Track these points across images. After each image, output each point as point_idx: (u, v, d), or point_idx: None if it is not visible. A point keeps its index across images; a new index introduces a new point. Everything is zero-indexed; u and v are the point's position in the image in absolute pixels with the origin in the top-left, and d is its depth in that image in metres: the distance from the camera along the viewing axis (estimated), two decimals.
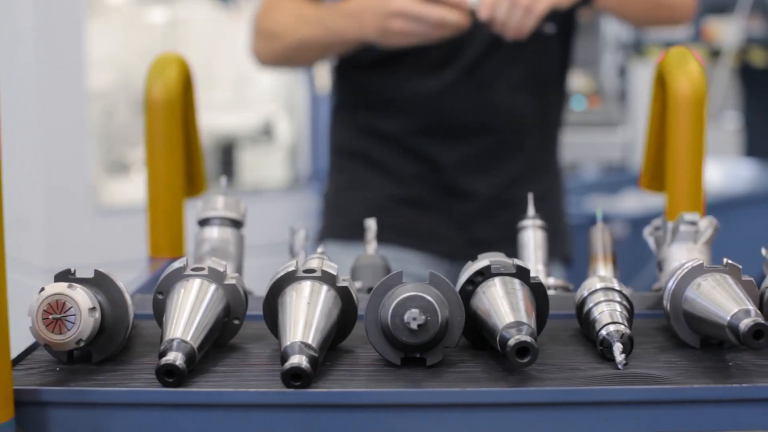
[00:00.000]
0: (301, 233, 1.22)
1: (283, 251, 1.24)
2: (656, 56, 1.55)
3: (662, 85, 1.49)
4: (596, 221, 1.31)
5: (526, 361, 0.89)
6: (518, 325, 0.91)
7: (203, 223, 1.22)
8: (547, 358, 0.98)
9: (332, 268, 0.99)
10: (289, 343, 0.90)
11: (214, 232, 1.21)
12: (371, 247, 1.26)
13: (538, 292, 1.00)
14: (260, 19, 2.04)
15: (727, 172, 4.62)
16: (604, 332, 0.98)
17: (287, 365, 0.88)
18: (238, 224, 1.22)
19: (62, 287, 0.92)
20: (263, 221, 3.20)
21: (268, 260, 2.14)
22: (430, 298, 0.92)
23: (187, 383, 0.90)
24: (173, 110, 1.46)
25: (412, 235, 1.99)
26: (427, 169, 2.01)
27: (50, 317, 0.91)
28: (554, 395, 0.89)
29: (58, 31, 3.21)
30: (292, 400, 0.87)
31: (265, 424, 0.88)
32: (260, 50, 2.06)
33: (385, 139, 2.03)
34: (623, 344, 0.96)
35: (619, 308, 1.02)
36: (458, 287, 0.99)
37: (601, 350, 0.98)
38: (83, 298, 0.91)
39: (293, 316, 0.93)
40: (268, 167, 4.01)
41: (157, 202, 1.47)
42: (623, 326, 0.98)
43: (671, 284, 1.01)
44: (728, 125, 5.42)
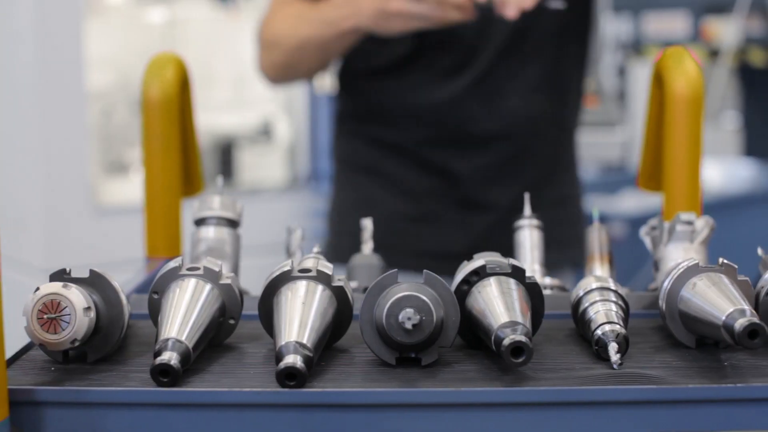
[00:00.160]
0: (297, 233, 1.22)
1: (281, 251, 1.24)
2: (655, 56, 1.55)
3: (659, 84, 1.50)
4: (593, 221, 1.31)
5: (520, 360, 0.89)
6: (513, 324, 0.91)
7: (199, 222, 1.22)
8: (542, 357, 0.98)
9: (328, 267, 0.99)
10: (284, 342, 0.90)
11: (210, 231, 1.21)
12: (367, 247, 1.26)
13: (533, 291, 1.00)
14: (262, 31, 1.91)
15: (726, 171, 4.62)
16: (599, 332, 0.98)
17: (282, 365, 0.88)
18: (234, 224, 1.22)
19: (57, 287, 0.92)
20: (262, 221, 3.20)
21: (266, 260, 2.13)
22: (425, 297, 0.92)
23: (182, 383, 0.90)
24: (170, 110, 1.46)
25: (427, 256, 1.83)
26: (441, 182, 1.88)
27: (45, 317, 0.91)
28: (549, 395, 0.88)
29: (56, 31, 3.21)
30: (286, 399, 0.87)
31: (259, 423, 0.88)
32: (265, 64, 1.91)
33: (395, 151, 1.90)
34: (618, 344, 0.96)
35: (614, 308, 1.01)
36: (454, 287, 0.99)
37: (596, 350, 0.98)
38: (78, 297, 0.91)
39: (288, 315, 0.93)
40: (266, 167, 4.01)
41: (154, 202, 1.47)
42: (618, 326, 0.98)
43: (667, 284, 1.01)
44: (727, 125, 5.43)
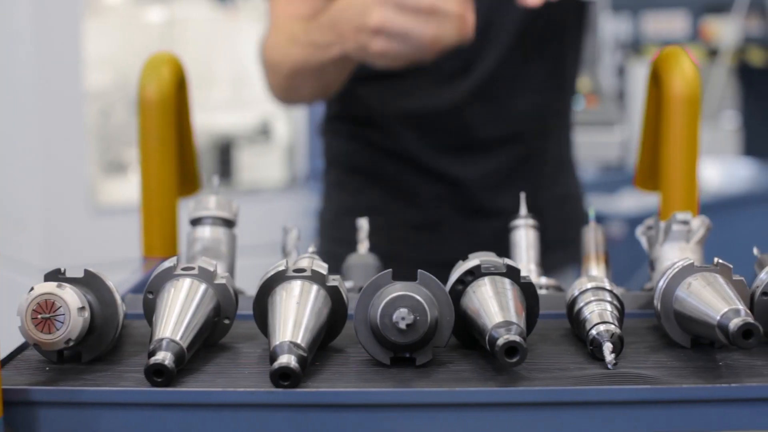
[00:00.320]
0: (293, 233, 1.22)
1: (280, 251, 1.24)
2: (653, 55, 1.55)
3: (656, 84, 1.50)
4: (589, 221, 1.31)
5: (514, 360, 0.89)
6: (507, 324, 0.91)
7: (195, 222, 1.22)
8: (537, 357, 0.97)
9: (322, 267, 0.99)
10: (278, 342, 0.90)
11: (206, 231, 1.21)
12: (363, 246, 1.26)
13: (528, 291, 1.00)
14: (263, 51, 1.74)
15: (725, 171, 4.62)
16: (594, 332, 0.98)
17: (276, 365, 0.88)
18: (230, 224, 1.22)
19: (51, 287, 0.92)
20: (261, 221, 3.20)
21: (265, 260, 2.13)
22: (419, 297, 0.92)
23: (176, 383, 0.90)
24: (167, 110, 1.46)
25: (431, 265, 1.61)
26: (445, 188, 1.78)
27: (39, 317, 0.91)
28: (543, 395, 0.88)
29: (55, 30, 3.22)
30: (280, 399, 0.87)
31: (253, 423, 0.88)
32: (271, 85, 1.73)
33: (395, 156, 1.79)
34: (613, 344, 0.96)
35: (609, 308, 1.01)
36: (448, 287, 0.99)
37: (591, 350, 0.98)
38: (72, 297, 0.91)
39: (283, 315, 0.93)
40: (265, 167, 4.02)
41: (150, 201, 1.47)
42: (613, 326, 0.98)
43: (662, 284, 1.01)
44: (726, 125, 5.43)
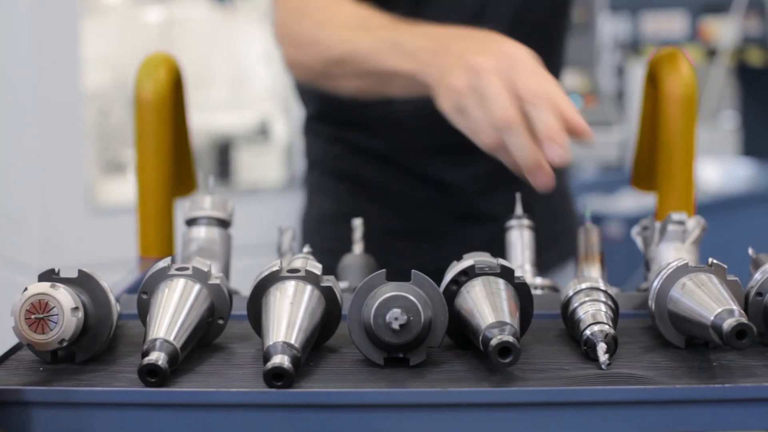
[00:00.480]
0: (288, 233, 1.22)
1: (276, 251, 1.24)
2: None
3: (653, 84, 1.50)
4: (584, 221, 1.31)
5: (508, 361, 0.89)
6: (501, 325, 0.91)
7: (190, 222, 1.22)
8: (531, 358, 0.97)
9: (316, 267, 1.00)
10: (271, 342, 0.90)
11: (201, 231, 1.21)
12: (358, 246, 1.26)
13: (522, 292, 1.00)
14: (291, 20, 1.53)
15: (724, 171, 4.62)
16: (588, 332, 0.98)
17: (269, 365, 0.88)
18: (225, 224, 1.22)
19: (45, 287, 0.92)
20: (259, 221, 3.20)
21: (263, 260, 2.13)
22: (412, 297, 0.92)
23: (169, 383, 0.90)
24: (163, 110, 1.46)
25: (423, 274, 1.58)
26: (435, 193, 1.69)
27: (33, 317, 0.91)
28: (536, 395, 0.88)
29: (53, 30, 3.22)
30: (273, 400, 0.87)
31: (247, 424, 0.88)
32: (293, 62, 1.53)
33: (382, 160, 1.69)
34: (607, 344, 0.96)
35: (603, 308, 1.01)
36: (442, 287, 0.99)
37: (585, 350, 0.98)
38: (66, 297, 0.91)
39: (276, 315, 0.93)
40: (264, 167, 4.01)
41: (146, 202, 1.47)
42: (607, 326, 0.98)
43: (656, 284, 1.01)
44: (725, 125, 5.42)
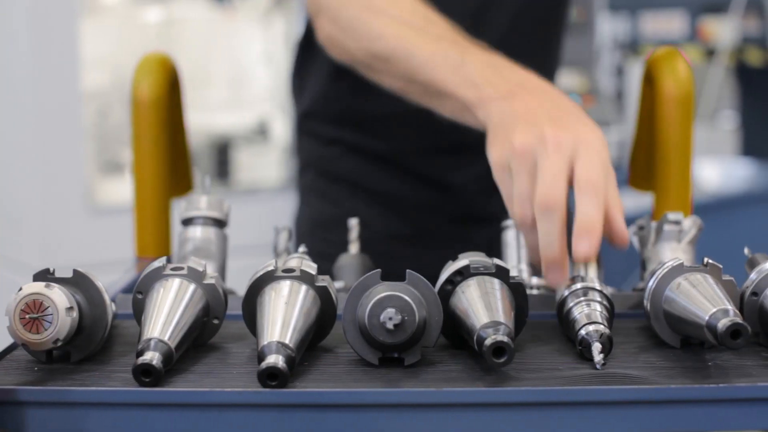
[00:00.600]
0: (284, 233, 1.22)
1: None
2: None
3: (650, 84, 1.50)
4: None
5: (502, 361, 0.89)
6: (495, 324, 0.91)
7: (186, 222, 1.22)
8: (526, 358, 0.97)
9: (312, 267, 0.99)
10: (266, 342, 0.90)
11: (197, 231, 1.21)
12: (353, 246, 1.26)
13: (517, 291, 1.00)
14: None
15: (723, 171, 4.62)
16: (583, 332, 0.98)
17: (263, 365, 0.88)
18: (221, 224, 1.22)
19: (39, 287, 0.92)
20: (258, 221, 3.20)
21: (262, 260, 2.13)
22: (407, 297, 0.92)
23: (164, 383, 0.90)
24: (160, 110, 1.46)
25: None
26: (436, 195, 1.65)
27: (27, 317, 0.91)
28: (531, 395, 0.88)
29: (52, 30, 3.22)
30: (267, 399, 0.87)
31: (241, 423, 0.88)
32: (330, 42, 1.42)
33: (381, 161, 1.65)
34: (602, 344, 0.96)
35: (599, 308, 1.01)
36: (437, 287, 0.99)
37: (580, 350, 0.98)
38: (60, 297, 0.91)
39: (271, 315, 0.93)
40: (263, 167, 4.02)
41: (143, 202, 1.47)
42: (602, 326, 0.98)
43: (651, 284, 1.01)
44: (724, 125, 5.43)
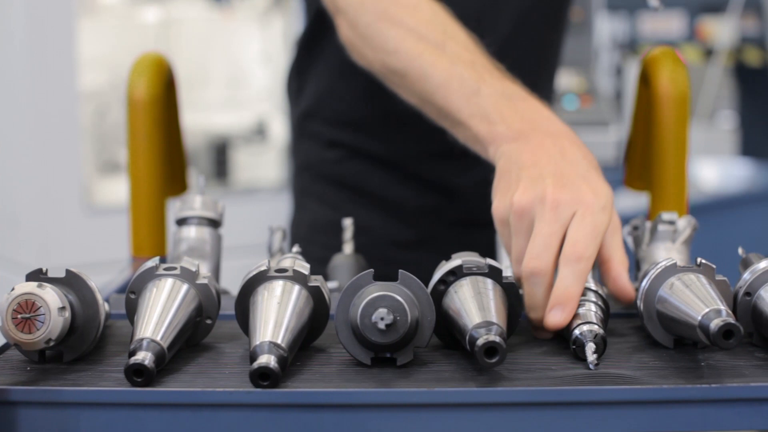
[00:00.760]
0: (278, 233, 1.22)
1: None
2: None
3: (646, 84, 1.50)
4: None
5: (494, 361, 0.89)
6: (488, 325, 0.91)
7: (181, 222, 1.22)
8: (519, 358, 0.97)
9: (304, 267, 0.99)
10: (258, 342, 0.90)
11: (191, 231, 1.21)
12: (348, 246, 1.26)
13: (510, 292, 0.99)
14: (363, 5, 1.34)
15: (722, 171, 4.62)
16: (576, 332, 0.98)
17: (255, 365, 0.87)
18: (215, 224, 1.22)
19: (32, 287, 0.92)
20: (256, 220, 3.20)
21: (260, 260, 2.13)
22: (399, 297, 0.92)
23: (156, 383, 0.90)
24: (155, 110, 1.46)
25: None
26: (438, 200, 1.62)
27: (20, 317, 0.91)
28: (522, 395, 0.88)
29: (50, 30, 3.22)
30: (259, 399, 0.87)
31: (233, 424, 0.88)
32: (352, 46, 1.37)
33: (382, 164, 1.61)
34: (596, 344, 0.96)
35: (593, 308, 1.01)
36: (430, 287, 0.99)
37: (573, 350, 0.98)
38: (53, 297, 0.91)
39: (264, 315, 0.93)
40: (261, 167, 4.02)
41: (139, 201, 1.47)
42: (597, 326, 0.98)
43: (645, 284, 1.01)
44: (723, 125, 5.42)
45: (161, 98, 1.47)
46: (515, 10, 1.59)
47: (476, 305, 0.94)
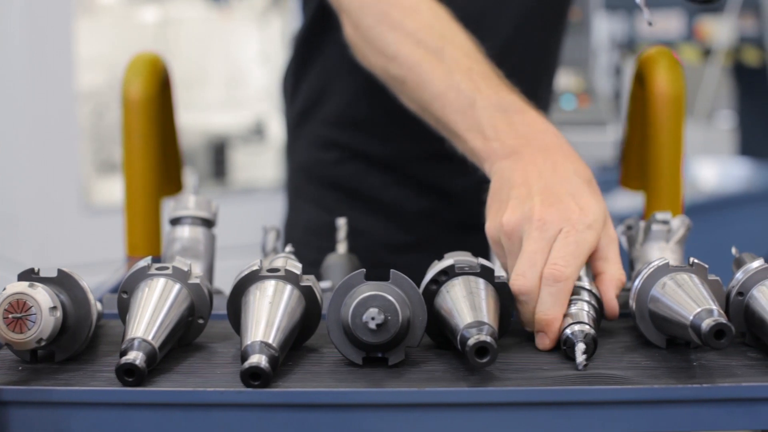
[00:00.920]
0: (272, 233, 1.22)
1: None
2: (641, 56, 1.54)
3: (641, 83, 1.50)
4: None
5: (485, 361, 0.89)
6: (479, 324, 0.91)
7: (174, 222, 1.22)
8: (511, 357, 0.97)
9: (296, 267, 0.99)
10: (249, 342, 0.90)
11: (185, 231, 1.21)
12: (341, 246, 1.26)
13: (503, 291, 0.99)
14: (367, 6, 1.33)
15: (721, 171, 4.62)
16: (567, 332, 0.98)
17: (246, 364, 0.87)
18: (209, 223, 1.22)
19: (23, 286, 0.92)
20: (255, 220, 3.20)
21: (258, 259, 2.12)
22: (390, 297, 0.92)
23: (147, 383, 0.90)
24: (150, 110, 1.46)
25: None
26: (435, 203, 1.60)
27: (11, 316, 0.91)
28: (513, 395, 0.88)
29: (48, 30, 3.22)
30: (250, 399, 0.87)
31: (224, 423, 0.88)
32: (357, 48, 1.37)
33: (378, 166, 1.60)
34: (586, 344, 0.96)
35: (586, 308, 1.01)
36: (422, 286, 0.99)
37: (564, 350, 0.98)
38: (44, 297, 0.91)
39: (255, 315, 0.93)
40: (260, 166, 4.02)
41: (134, 201, 1.47)
42: (588, 326, 0.98)
43: (637, 283, 1.01)
44: (722, 124, 5.42)
45: (156, 98, 1.47)
46: (516, 11, 1.58)
47: (468, 305, 0.94)
